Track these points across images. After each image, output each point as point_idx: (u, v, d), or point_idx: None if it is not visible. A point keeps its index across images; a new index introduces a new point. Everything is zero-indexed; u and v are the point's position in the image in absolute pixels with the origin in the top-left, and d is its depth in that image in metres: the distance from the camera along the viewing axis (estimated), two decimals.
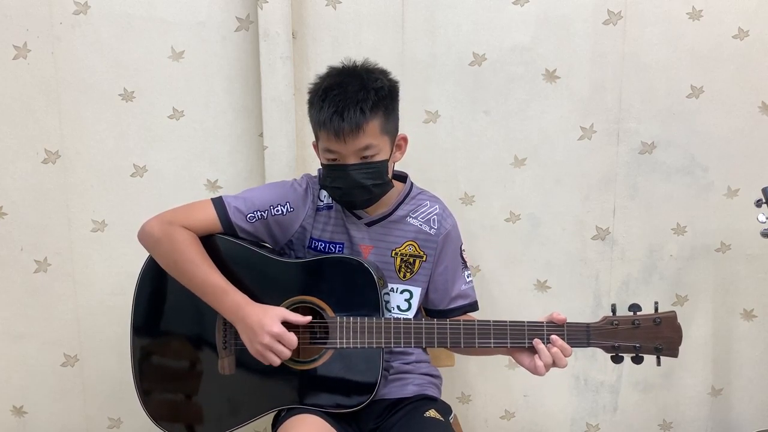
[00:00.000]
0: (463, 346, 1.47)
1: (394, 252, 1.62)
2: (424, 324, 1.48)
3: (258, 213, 1.57)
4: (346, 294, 1.51)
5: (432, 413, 1.55)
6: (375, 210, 1.62)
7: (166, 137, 1.99)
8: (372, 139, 1.48)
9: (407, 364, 1.66)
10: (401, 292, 1.63)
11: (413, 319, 1.54)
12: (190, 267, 1.50)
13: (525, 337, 1.45)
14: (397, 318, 1.51)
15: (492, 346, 1.46)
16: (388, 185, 1.56)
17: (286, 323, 1.45)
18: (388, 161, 1.53)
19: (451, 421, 1.60)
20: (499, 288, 2.11)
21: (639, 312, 1.43)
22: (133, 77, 1.96)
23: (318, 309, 1.51)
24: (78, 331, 2.06)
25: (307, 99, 1.56)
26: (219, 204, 1.57)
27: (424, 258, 1.63)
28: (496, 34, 1.99)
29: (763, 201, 1.69)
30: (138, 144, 1.99)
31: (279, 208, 1.58)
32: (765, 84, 2.02)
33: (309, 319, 1.48)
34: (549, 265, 2.11)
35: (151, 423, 1.60)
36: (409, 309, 1.64)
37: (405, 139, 1.62)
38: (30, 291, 2.03)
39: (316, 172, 1.66)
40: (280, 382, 1.53)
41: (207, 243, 1.55)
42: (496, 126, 2.03)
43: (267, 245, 1.64)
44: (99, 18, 1.92)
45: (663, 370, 2.16)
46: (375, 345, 1.47)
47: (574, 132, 2.04)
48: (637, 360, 1.44)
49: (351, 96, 1.46)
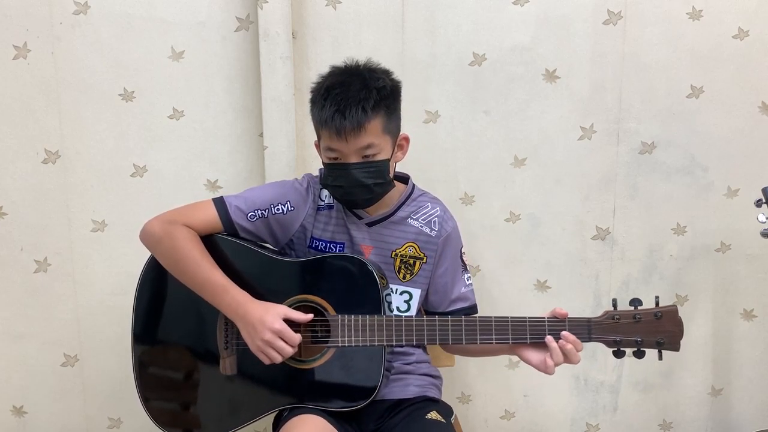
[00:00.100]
0: (465, 342, 1.47)
1: (394, 253, 1.62)
2: (425, 321, 1.48)
3: (259, 212, 1.57)
4: (347, 293, 1.51)
5: (433, 415, 1.55)
6: (376, 210, 1.61)
7: (166, 137, 1.99)
8: (373, 138, 1.48)
9: (408, 364, 1.66)
10: (400, 293, 1.63)
11: (415, 317, 1.54)
12: (191, 265, 1.50)
13: (527, 333, 1.45)
14: (399, 315, 1.51)
15: (494, 342, 1.46)
16: (389, 185, 1.55)
17: (287, 321, 1.45)
18: (389, 161, 1.53)
19: (452, 422, 1.60)
20: (499, 288, 2.11)
21: (640, 306, 1.43)
22: (133, 77, 1.96)
23: (320, 308, 1.51)
24: (78, 331, 2.06)
25: (310, 98, 1.56)
26: (220, 203, 1.57)
27: (424, 260, 1.63)
28: (496, 34, 1.99)
29: (763, 201, 1.69)
30: (138, 144, 1.99)
31: (280, 207, 1.58)
32: (765, 84, 2.02)
33: (310, 317, 1.48)
34: (549, 265, 2.11)
35: (152, 423, 1.60)
36: (408, 310, 1.63)
37: (407, 139, 1.62)
38: (30, 291, 2.03)
39: (317, 171, 1.66)
40: (281, 381, 1.53)
41: (209, 243, 1.55)
42: (496, 126, 2.03)
43: (268, 245, 1.64)
44: (99, 18, 1.92)
45: (663, 370, 2.16)
46: (377, 343, 1.47)
47: (574, 132, 2.04)
48: (639, 354, 1.44)
49: (353, 95, 1.46)
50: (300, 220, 1.60)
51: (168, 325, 1.60)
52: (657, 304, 1.44)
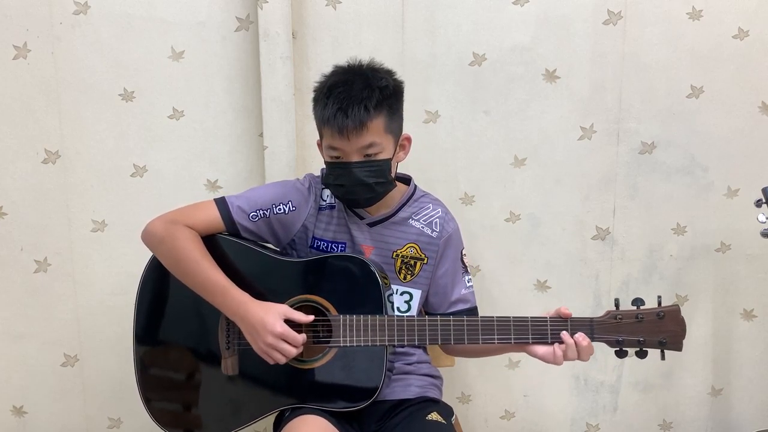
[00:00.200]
0: (467, 342, 1.47)
1: (395, 253, 1.62)
2: (427, 320, 1.48)
3: (260, 212, 1.57)
4: (349, 293, 1.51)
5: (434, 416, 1.54)
6: (377, 210, 1.61)
7: (166, 137, 1.99)
8: (375, 137, 1.48)
9: (409, 364, 1.66)
10: (401, 293, 1.63)
11: (416, 316, 1.54)
12: (192, 265, 1.50)
13: (529, 333, 1.45)
14: (401, 315, 1.51)
15: (496, 342, 1.46)
16: (390, 184, 1.55)
17: (289, 321, 1.45)
18: (391, 160, 1.53)
19: (453, 423, 1.60)
20: (499, 288, 2.11)
21: (642, 306, 1.43)
22: (133, 77, 1.95)
23: (321, 308, 1.51)
24: (78, 331, 2.06)
25: (312, 97, 1.56)
26: (222, 203, 1.57)
27: (425, 261, 1.63)
28: (496, 34, 1.99)
29: (763, 201, 1.69)
30: (138, 144, 1.98)
31: (281, 207, 1.58)
32: (765, 84, 2.02)
33: (311, 318, 1.48)
34: (549, 265, 2.11)
35: (152, 423, 1.60)
36: (409, 311, 1.63)
37: (409, 140, 1.62)
38: (30, 291, 2.03)
39: (318, 171, 1.66)
40: (283, 381, 1.53)
41: (210, 243, 1.55)
42: (496, 126, 2.03)
43: (270, 245, 1.64)
44: (99, 18, 1.92)
45: (663, 370, 2.16)
46: (379, 343, 1.47)
47: (574, 132, 2.04)
48: (642, 354, 1.44)
49: (356, 94, 1.46)
50: (302, 220, 1.60)
51: (170, 326, 1.60)
52: (659, 303, 1.44)
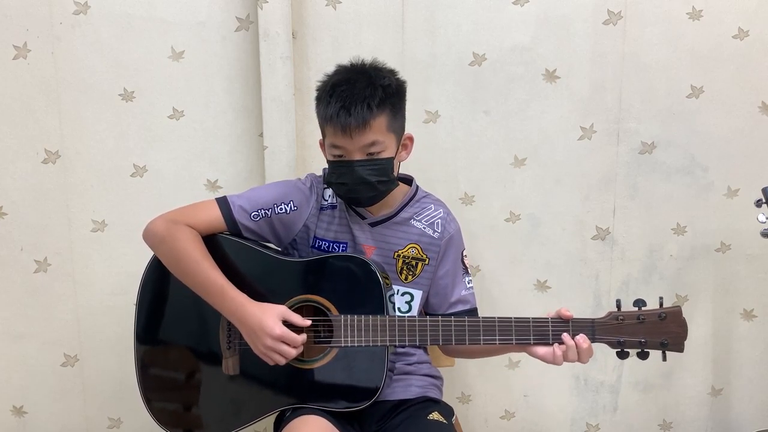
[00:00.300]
0: (468, 343, 1.47)
1: (396, 254, 1.62)
2: (428, 321, 1.48)
3: (262, 211, 1.57)
4: (350, 293, 1.50)
5: (435, 416, 1.54)
6: (379, 210, 1.61)
7: (166, 137, 1.99)
8: (378, 136, 1.48)
9: (409, 365, 1.66)
10: (402, 294, 1.63)
11: (417, 317, 1.54)
12: (192, 265, 1.49)
13: (530, 334, 1.45)
14: (402, 316, 1.51)
15: (497, 343, 1.46)
16: (392, 183, 1.55)
17: (287, 323, 1.45)
18: (393, 159, 1.53)
19: (453, 423, 1.60)
20: (499, 288, 2.11)
21: (644, 307, 1.43)
22: (133, 77, 1.95)
23: (322, 308, 1.51)
24: (78, 331, 2.06)
25: (315, 96, 1.56)
26: (223, 203, 1.57)
27: (426, 261, 1.63)
28: (496, 34, 1.99)
29: (763, 201, 1.69)
30: (138, 144, 1.98)
31: (283, 206, 1.58)
32: (765, 84, 2.02)
33: (309, 323, 1.48)
34: (549, 265, 2.11)
35: (152, 423, 1.60)
36: (409, 311, 1.63)
37: (411, 139, 1.62)
38: (30, 291, 2.02)
39: (320, 171, 1.66)
40: (283, 381, 1.53)
41: (212, 243, 1.54)
42: (496, 126, 2.03)
43: (271, 245, 1.64)
44: (99, 18, 1.92)
45: (663, 370, 2.16)
46: (380, 343, 1.47)
47: (574, 132, 2.04)
48: (643, 355, 1.43)
49: (358, 92, 1.46)
50: (303, 219, 1.60)
51: (170, 325, 1.60)
52: (661, 304, 1.44)
